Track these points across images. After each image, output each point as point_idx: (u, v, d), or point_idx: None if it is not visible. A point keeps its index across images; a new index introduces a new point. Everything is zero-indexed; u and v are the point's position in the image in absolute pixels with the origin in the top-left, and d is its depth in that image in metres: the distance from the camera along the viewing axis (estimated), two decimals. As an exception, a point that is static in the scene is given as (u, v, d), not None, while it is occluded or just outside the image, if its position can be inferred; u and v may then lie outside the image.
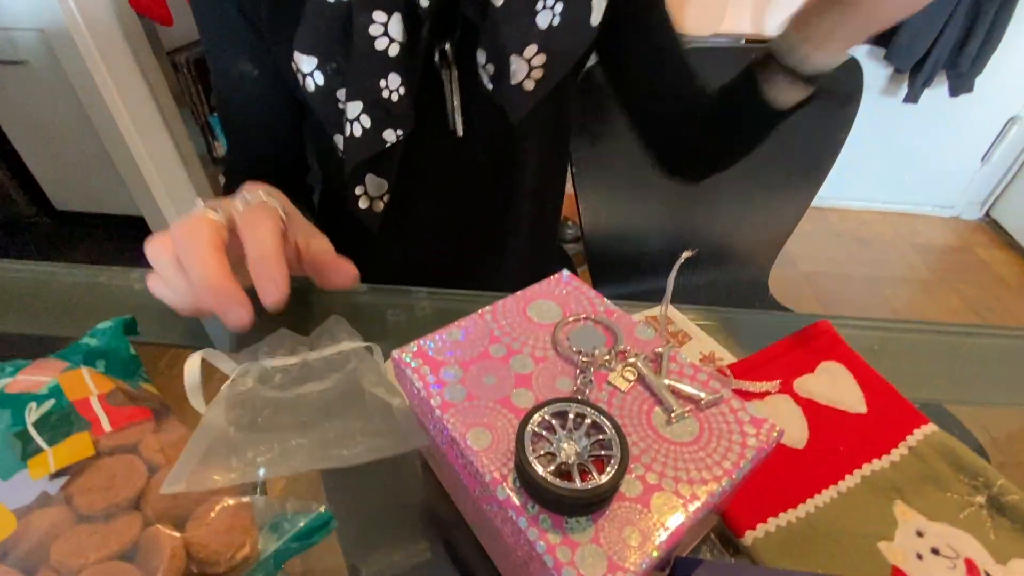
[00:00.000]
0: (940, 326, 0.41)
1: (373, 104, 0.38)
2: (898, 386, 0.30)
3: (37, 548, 0.18)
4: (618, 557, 0.16)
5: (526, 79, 0.40)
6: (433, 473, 0.26)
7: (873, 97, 1.89)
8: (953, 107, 1.85)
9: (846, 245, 1.99)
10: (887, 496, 0.26)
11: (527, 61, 0.39)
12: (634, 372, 0.22)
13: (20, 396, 0.22)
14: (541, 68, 0.40)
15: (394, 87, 0.38)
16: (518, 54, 0.39)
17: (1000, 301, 1.75)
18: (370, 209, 0.44)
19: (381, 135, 0.40)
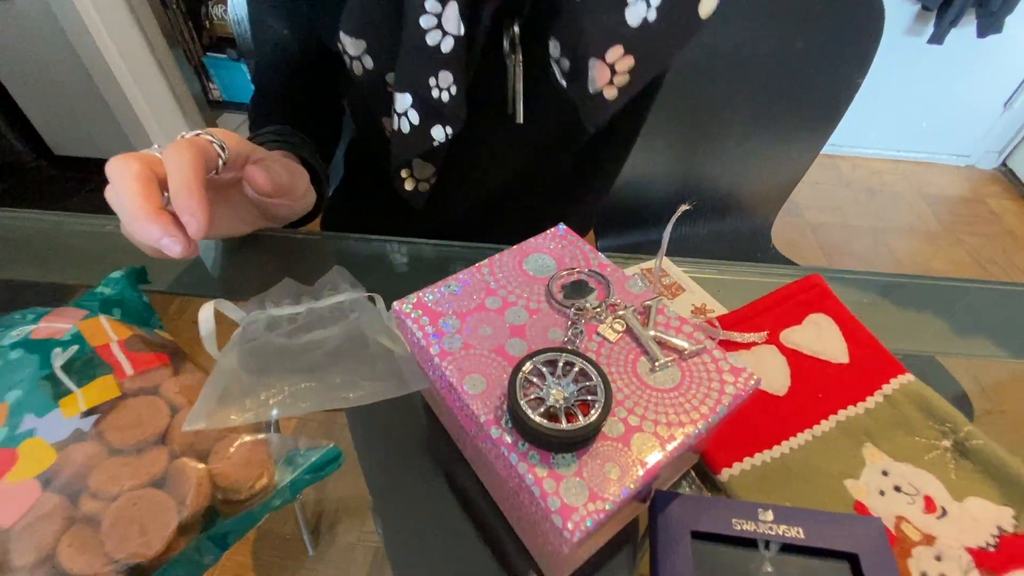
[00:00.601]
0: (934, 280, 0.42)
1: (422, 100, 0.35)
2: (889, 338, 0.32)
3: (76, 477, 0.20)
4: (598, 488, 0.18)
5: (607, 86, 0.33)
6: (434, 414, 0.28)
7: (896, 37, 1.79)
8: (979, 49, 1.76)
9: (855, 195, 1.96)
10: (858, 439, 0.28)
11: (610, 66, 0.33)
12: (623, 324, 0.23)
13: (46, 342, 0.24)
14: (627, 74, 0.33)
15: (444, 85, 0.34)
16: (599, 57, 0.32)
17: (1006, 253, 1.74)
18: (416, 190, 0.43)
19: (429, 132, 0.37)
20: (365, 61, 0.36)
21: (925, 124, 1.99)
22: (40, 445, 0.20)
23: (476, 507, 0.25)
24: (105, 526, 0.19)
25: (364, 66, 0.36)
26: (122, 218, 0.27)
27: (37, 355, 0.23)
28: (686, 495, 0.23)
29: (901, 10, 1.73)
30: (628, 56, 0.32)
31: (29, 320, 0.25)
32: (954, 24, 1.69)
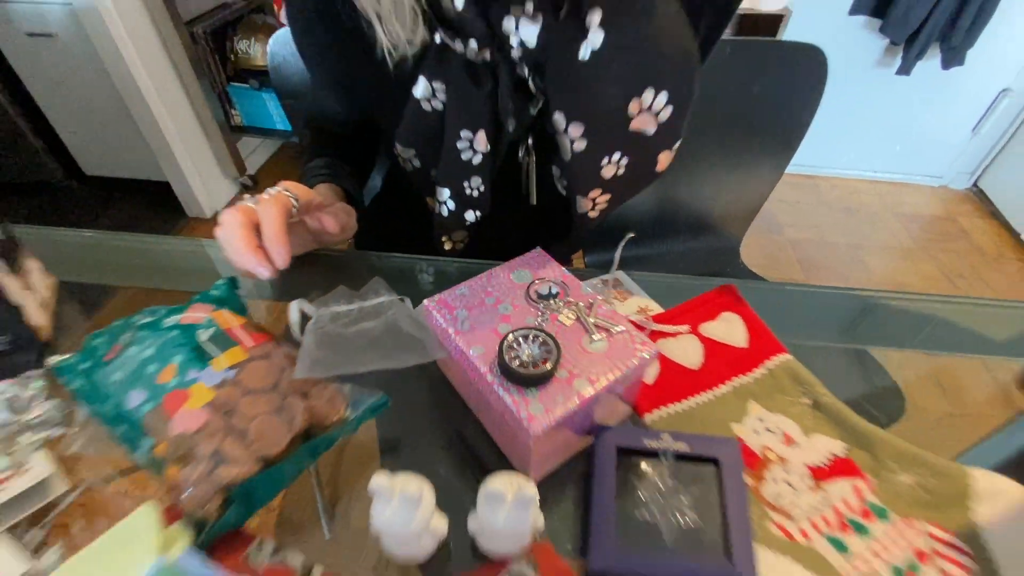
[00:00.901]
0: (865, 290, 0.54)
1: (458, 194, 0.46)
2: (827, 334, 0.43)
3: (227, 406, 0.32)
4: (550, 407, 0.29)
5: (590, 210, 0.46)
6: (448, 380, 0.40)
7: (867, 68, 1.94)
8: (945, 79, 1.91)
9: (833, 213, 2.09)
10: (745, 398, 0.39)
11: (591, 200, 0.45)
12: (574, 313, 0.35)
13: (191, 326, 0.36)
14: (605, 203, 0.46)
15: (475, 186, 0.45)
16: (583, 195, 0.44)
17: (974, 269, 1.85)
18: (452, 249, 0.54)
19: (463, 215, 0.48)
20: (414, 161, 0.47)
21: (899, 148, 2.13)
22: (202, 388, 0.32)
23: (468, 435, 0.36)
24: (249, 435, 0.31)
25: (413, 164, 0.47)
26: (228, 252, 0.39)
27: (188, 333, 0.35)
28: (616, 426, 0.34)
29: (873, 44, 1.88)
30: (605, 195, 0.45)
31: (176, 311, 0.37)
32: (920, 57, 1.84)
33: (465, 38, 0.37)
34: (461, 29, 0.37)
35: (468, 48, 0.38)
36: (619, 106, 0.39)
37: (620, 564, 0.29)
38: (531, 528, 0.29)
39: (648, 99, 0.39)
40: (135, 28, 1.58)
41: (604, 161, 0.42)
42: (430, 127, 0.43)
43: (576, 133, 0.40)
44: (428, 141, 0.44)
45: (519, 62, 0.38)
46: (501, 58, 0.38)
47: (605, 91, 0.39)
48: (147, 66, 1.64)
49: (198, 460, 0.30)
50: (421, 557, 0.31)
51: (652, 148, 0.43)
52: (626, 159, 0.43)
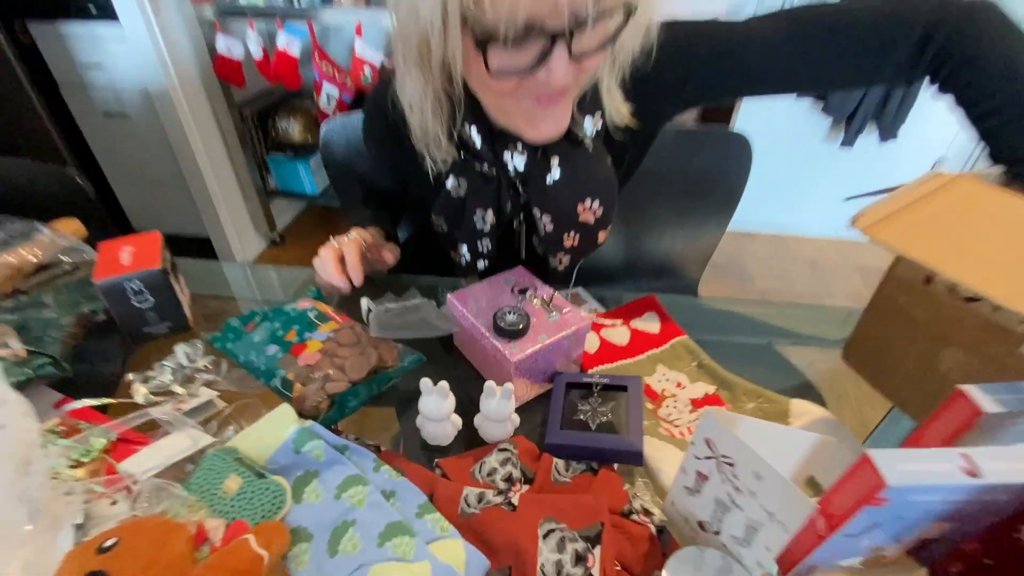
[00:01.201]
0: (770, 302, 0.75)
1: (472, 249, 0.68)
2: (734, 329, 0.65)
3: (330, 352, 0.53)
4: (522, 348, 0.50)
5: (559, 265, 0.68)
6: (457, 349, 0.61)
7: (817, 143, 2.25)
8: (887, 150, 2.21)
9: (799, 266, 2.33)
10: (655, 362, 0.60)
11: (558, 258, 0.67)
12: (540, 301, 0.57)
13: (303, 310, 0.58)
14: (568, 261, 0.67)
15: (484, 245, 0.67)
16: (553, 256, 0.67)
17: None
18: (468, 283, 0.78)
19: (476, 264, 0.69)
20: (443, 227, 0.69)
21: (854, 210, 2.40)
22: (315, 342, 0.54)
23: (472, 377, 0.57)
24: (344, 367, 0.52)
25: (443, 228, 0.69)
26: (322, 273, 0.62)
27: (302, 313, 0.57)
28: (567, 372, 0.55)
29: (820, 122, 2.19)
30: (567, 256, 0.66)
31: (291, 302, 0.59)
32: (860, 132, 2.15)
33: (480, 161, 0.61)
34: (477, 155, 0.60)
35: (482, 166, 0.61)
36: (571, 207, 0.62)
37: (563, 439, 0.48)
38: (512, 419, 0.49)
39: (588, 203, 0.62)
40: (196, 108, 1.89)
41: (564, 236, 0.64)
42: (455, 206, 0.65)
43: (546, 220, 0.63)
44: (453, 215, 0.66)
45: (512, 177, 0.62)
46: (501, 173, 0.61)
47: (562, 200, 0.61)
48: (203, 139, 1.94)
49: (314, 381, 0.51)
50: (445, 442, 0.51)
51: (594, 230, 0.64)
52: (578, 235, 0.64)
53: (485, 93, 0.53)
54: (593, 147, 0.61)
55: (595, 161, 0.61)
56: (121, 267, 0.58)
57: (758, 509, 0.36)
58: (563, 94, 0.51)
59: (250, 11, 1.72)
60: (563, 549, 0.39)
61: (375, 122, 0.69)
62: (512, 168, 0.60)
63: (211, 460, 0.45)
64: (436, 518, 0.42)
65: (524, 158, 0.59)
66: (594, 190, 0.61)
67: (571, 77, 0.47)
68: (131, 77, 1.84)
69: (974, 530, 0.35)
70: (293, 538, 0.41)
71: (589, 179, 0.61)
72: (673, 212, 1.22)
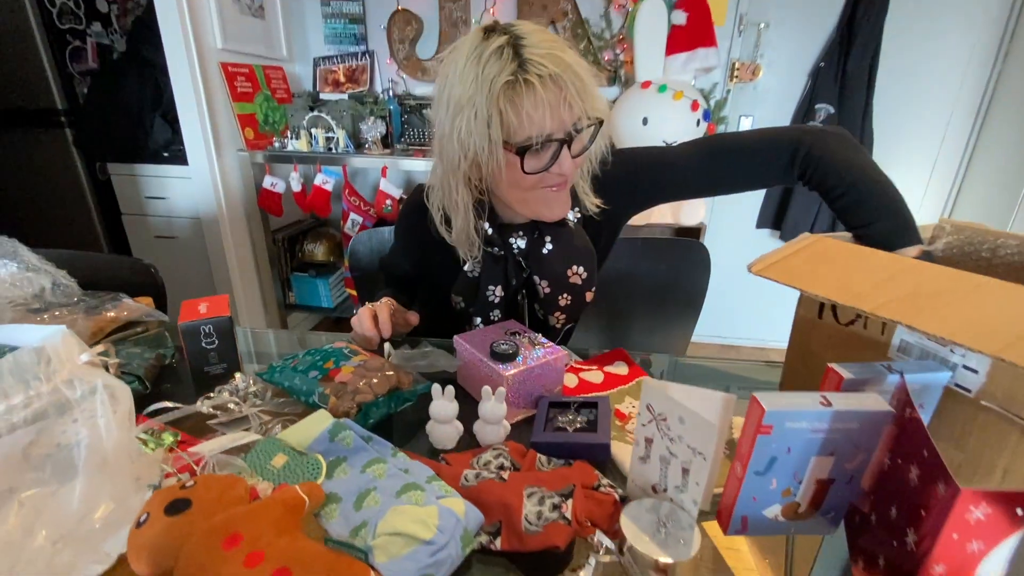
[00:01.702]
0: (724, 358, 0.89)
1: (485, 320, 0.86)
2: (696, 379, 0.78)
3: (360, 372, 0.66)
4: (513, 367, 0.64)
5: (556, 322, 0.85)
6: (460, 385, 0.74)
7: (782, 265, 2.52)
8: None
9: (783, 378, 2.44)
10: (624, 394, 0.73)
11: (556, 317, 0.84)
12: (529, 340, 0.71)
13: (339, 348, 0.72)
14: (564, 317, 0.85)
15: (495, 314, 0.84)
16: (551, 315, 0.84)
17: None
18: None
19: None
20: (460, 304, 0.88)
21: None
22: (349, 367, 0.67)
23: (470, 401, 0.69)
24: (370, 384, 0.65)
25: (460, 305, 0.88)
26: (358, 328, 0.79)
27: (337, 350, 0.72)
28: (548, 395, 0.68)
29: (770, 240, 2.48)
30: (563, 315, 0.84)
31: (321, 348, 0.74)
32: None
33: (492, 246, 0.82)
34: (490, 241, 0.81)
35: (493, 249, 0.82)
36: (563, 272, 0.82)
37: (546, 439, 0.60)
38: (504, 425, 0.61)
39: (575, 268, 0.82)
40: (237, 233, 2.18)
41: (559, 298, 0.83)
42: (472, 285, 0.84)
43: (544, 284, 0.83)
44: (470, 292, 0.85)
45: (516, 254, 0.82)
46: (508, 253, 0.82)
47: (555, 266, 0.82)
48: (238, 259, 2.20)
49: (347, 393, 0.64)
50: (449, 444, 0.62)
51: (581, 290, 0.83)
52: (570, 296, 0.83)
53: (513, 192, 0.74)
54: (575, 228, 0.82)
55: (577, 237, 0.82)
56: (199, 315, 0.74)
57: (686, 450, 0.47)
58: (567, 183, 0.74)
59: (295, 157, 2.11)
60: (543, 503, 0.49)
61: (411, 221, 0.90)
62: (516, 248, 0.82)
63: (262, 444, 0.56)
64: (442, 484, 0.52)
65: (524, 240, 0.81)
66: (578, 258, 0.81)
67: (571, 168, 0.71)
68: (187, 207, 2.17)
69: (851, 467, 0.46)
70: (326, 501, 0.51)
71: (573, 249, 0.81)
72: (647, 310, 1.40)
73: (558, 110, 0.65)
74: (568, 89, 0.64)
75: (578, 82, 0.64)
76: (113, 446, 0.50)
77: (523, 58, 0.63)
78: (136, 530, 0.43)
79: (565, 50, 0.65)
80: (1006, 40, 1.98)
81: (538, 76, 0.62)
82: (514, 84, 0.63)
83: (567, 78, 0.63)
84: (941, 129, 2.15)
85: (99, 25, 2.29)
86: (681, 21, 1.95)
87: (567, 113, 0.66)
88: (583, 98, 0.65)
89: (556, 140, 0.67)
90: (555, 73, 0.63)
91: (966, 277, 0.51)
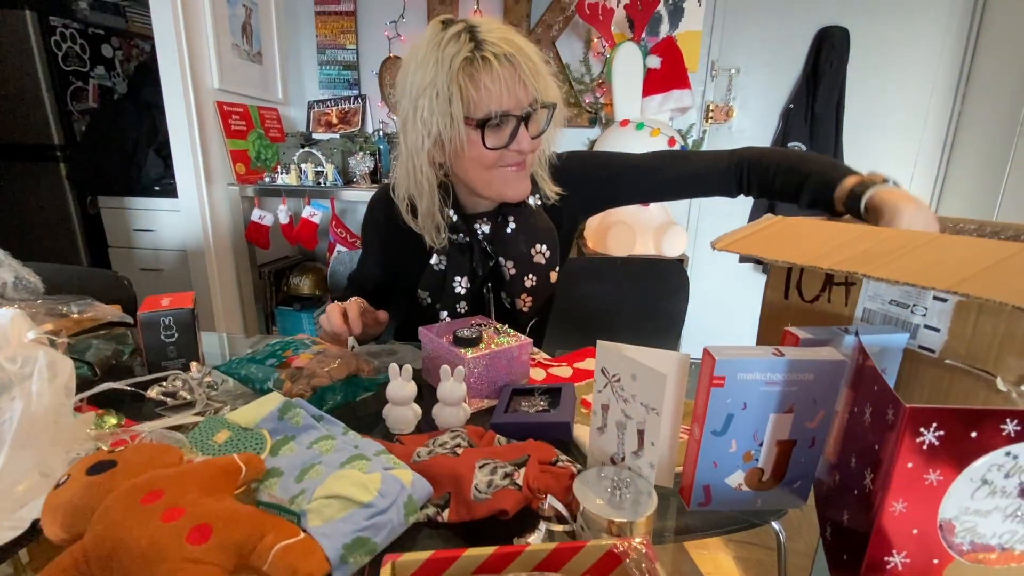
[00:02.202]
0: None
1: (452, 314, 0.86)
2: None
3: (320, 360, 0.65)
4: (475, 352, 0.63)
5: (523, 305, 0.86)
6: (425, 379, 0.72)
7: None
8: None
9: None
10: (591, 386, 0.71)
11: (523, 300, 0.85)
12: (493, 329, 0.70)
13: (300, 340, 0.71)
14: (530, 301, 0.85)
15: (462, 306, 0.85)
16: (517, 298, 0.85)
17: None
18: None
19: None
20: (427, 299, 0.88)
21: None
22: (307, 355, 0.66)
23: (441, 399, 0.67)
24: (327, 370, 0.63)
25: (426, 301, 0.88)
26: (326, 325, 0.77)
27: (297, 341, 0.70)
28: (513, 384, 0.66)
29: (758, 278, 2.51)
30: (529, 296, 0.86)
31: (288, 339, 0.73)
32: (803, 291, 2.44)
33: (457, 232, 0.83)
34: (455, 228, 0.83)
35: (458, 237, 0.83)
36: (526, 251, 0.84)
37: (506, 420, 0.57)
38: (464, 407, 0.59)
39: (538, 247, 0.84)
40: (223, 267, 2.18)
41: (525, 279, 0.84)
42: (438, 278, 0.86)
43: (510, 266, 0.83)
44: (436, 285, 0.86)
45: (481, 240, 0.84)
46: (474, 240, 0.84)
47: (519, 246, 0.84)
48: (222, 293, 2.19)
49: (302, 377, 0.62)
50: (407, 428, 0.59)
51: (545, 269, 0.85)
52: (535, 277, 0.85)
53: (476, 171, 0.76)
54: (536, 210, 0.85)
55: (538, 217, 0.85)
56: (160, 307, 0.73)
57: (640, 409, 0.46)
58: (525, 163, 0.77)
59: (284, 190, 2.14)
60: (494, 473, 0.47)
61: (376, 214, 0.92)
62: (480, 233, 0.83)
63: (206, 422, 0.53)
64: (391, 457, 0.50)
65: (488, 225, 0.83)
66: (541, 237, 0.84)
67: (530, 147, 0.75)
68: (174, 240, 2.18)
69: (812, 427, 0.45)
70: (267, 474, 0.48)
71: (536, 229, 0.84)
72: (631, 329, 1.39)
73: (514, 88, 0.69)
74: (522, 68, 0.69)
75: (531, 63, 0.69)
76: (43, 413, 0.47)
77: (479, 39, 0.68)
78: (54, 491, 0.41)
79: (518, 36, 0.71)
80: (962, 83, 2.11)
81: (493, 55, 0.67)
82: (472, 61, 0.67)
83: (520, 59, 0.69)
84: (911, 164, 2.24)
85: (102, 68, 2.39)
86: (656, 65, 2.06)
87: (523, 92, 0.70)
88: (536, 80, 0.70)
89: (514, 116, 0.71)
90: (509, 53, 0.68)
91: (918, 235, 0.51)
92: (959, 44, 2.09)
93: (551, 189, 0.85)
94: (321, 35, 2.45)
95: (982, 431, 0.32)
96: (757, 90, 2.27)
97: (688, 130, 2.27)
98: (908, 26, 2.10)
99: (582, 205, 0.91)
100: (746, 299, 2.52)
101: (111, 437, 0.53)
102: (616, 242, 2.00)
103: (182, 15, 1.85)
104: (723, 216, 2.40)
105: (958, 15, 2.07)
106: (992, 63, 2.01)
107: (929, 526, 0.35)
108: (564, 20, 2.26)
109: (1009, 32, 1.93)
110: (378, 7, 2.38)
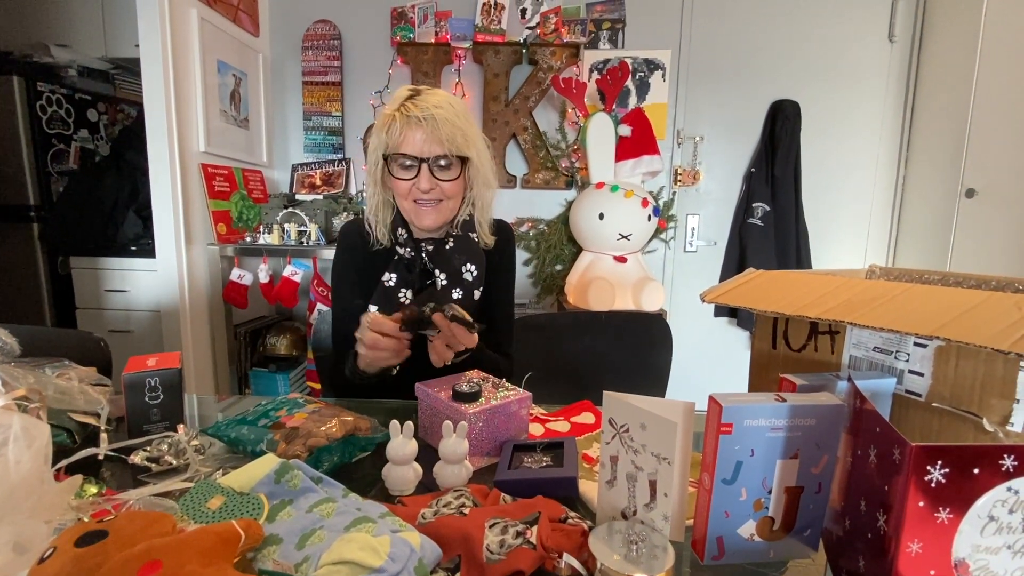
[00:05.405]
0: None
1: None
2: None
3: (312, 421, 0.63)
4: (476, 408, 0.62)
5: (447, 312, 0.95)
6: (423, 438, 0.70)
7: (743, 348, 2.59)
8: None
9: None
10: (591, 440, 0.70)
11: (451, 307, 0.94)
12: (492, 384, 0.70)
13: (295, 398, 0.69)
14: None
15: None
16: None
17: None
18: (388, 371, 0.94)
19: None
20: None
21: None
22: (302, 414, 0.64)
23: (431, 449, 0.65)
24: (324, 429, 0.61)
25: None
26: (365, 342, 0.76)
27: (293, 399, 0.68)
28: (514, 440, 0.65)
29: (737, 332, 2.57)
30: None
31: (280, 397, 0.71)
32: (777, 343, 2.51)
33: (404, 247, 0.94)
34: (403, 244, 0.93)
35: (405, 251, 0.93)
36: (458, 267, 0.94)
37: (510, 476, 0.56)
38: (466, 465, 0.58)
39: (468, 266, 0.94)
40: (197, 328, 2.12)
41: (453, 291, 0.93)
42: (387, 293, 0.94)
43: (442, 278, 0.94)
44: (385, 299, 0.94)
45: (423, 256, 0.93)
46: (417, 255, 0.94)
47: (453, 262, 0.94)
48: (195, 354, 2.12)
49: (298, 438, 0.60)
50: (407, 488, 0.57)
51: (471, 287, 0.94)
52: (461, 291, 0.93)
53: (398, 198, 0.92)
54: (475, 241, 0.99)
55: (473, 244, 0.98)
56: (146, 367, 0.70)
57: (651, 459, 0.46)
58: (434, 203, 0.90)
59: (266, 249, 2.14)
60: (506, 532, 0.46)
61: (349, 240, 1.01)
62: (425, 251, 0.96)
63: (198, 487, 0.51)
64: (397, 519, 0.48)
65: (433, 245, 0.96)
66: (473, 259, 0.96)
67: (433, 189, 0.88)
68: (148, 300, 2.13)
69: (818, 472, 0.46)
70: (265, 542, 0.46)
71: (469, 252, 0.97)
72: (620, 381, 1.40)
73: (423, 139, 0.86)
74: (435, 126, 0.85)
75: (449, 125, 0.86)
76: (22, 481, 0.44)
77: (412, 100, 0.87)
78: (37, 567, 0.38)
79: (451, 105, 0.88)
80: (904, 148, 2.32)
81: (412, 114, 0.85)
82: (398, 115, 0.86)
83: (439, 120, 0.85)
84: (866, 221, 2.40)
85: (86, 131, 2.41)
86: (627, 133, 2.20)
87: (433, 144, 0.87)
88: (449, 140, 0.86)
89: (418, 159, 0.88)
90: (428, 115, 0.85)
91: (892, 285, 0.55)
92: (896, 116, 2.32)
93: (487, 236, 1.00)
94: (308, 103, 2.54)
95: (983, 467, 0.33)
96: (721, 156, 2.43)
97: (659, 192, 2.39)
98: (852, 99, 2.32)
99: (488, 265, 1.03)
100: (723, 351, 2.57)
101: (92, 507, 0.50)
102: (596, 297, 2.04)
103: (172, 83, 1.91)
104: (695, 274, 2.50)
105: (892, 92, 2.31)
106: (929, 130, 2.22)
107: (944, 567, 0.35)
108: (540, 93, 2.41)
109: (942, 102, 2.16)
110: (364, 78, 2.50)
